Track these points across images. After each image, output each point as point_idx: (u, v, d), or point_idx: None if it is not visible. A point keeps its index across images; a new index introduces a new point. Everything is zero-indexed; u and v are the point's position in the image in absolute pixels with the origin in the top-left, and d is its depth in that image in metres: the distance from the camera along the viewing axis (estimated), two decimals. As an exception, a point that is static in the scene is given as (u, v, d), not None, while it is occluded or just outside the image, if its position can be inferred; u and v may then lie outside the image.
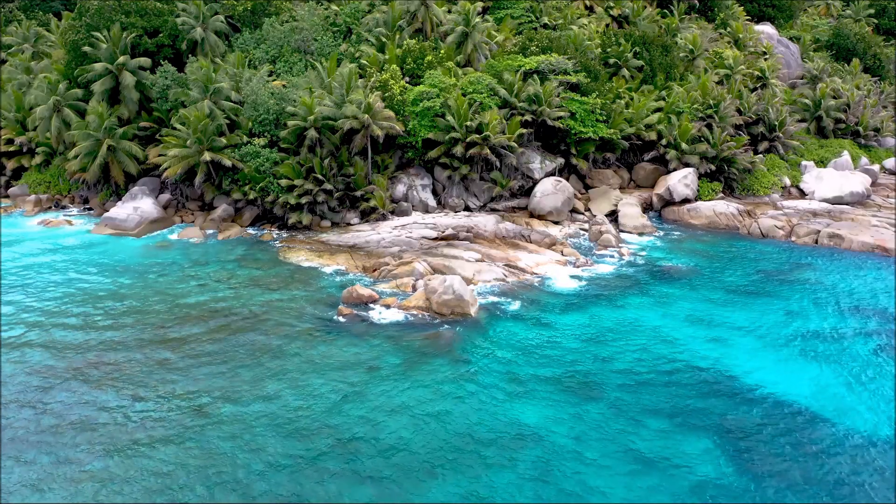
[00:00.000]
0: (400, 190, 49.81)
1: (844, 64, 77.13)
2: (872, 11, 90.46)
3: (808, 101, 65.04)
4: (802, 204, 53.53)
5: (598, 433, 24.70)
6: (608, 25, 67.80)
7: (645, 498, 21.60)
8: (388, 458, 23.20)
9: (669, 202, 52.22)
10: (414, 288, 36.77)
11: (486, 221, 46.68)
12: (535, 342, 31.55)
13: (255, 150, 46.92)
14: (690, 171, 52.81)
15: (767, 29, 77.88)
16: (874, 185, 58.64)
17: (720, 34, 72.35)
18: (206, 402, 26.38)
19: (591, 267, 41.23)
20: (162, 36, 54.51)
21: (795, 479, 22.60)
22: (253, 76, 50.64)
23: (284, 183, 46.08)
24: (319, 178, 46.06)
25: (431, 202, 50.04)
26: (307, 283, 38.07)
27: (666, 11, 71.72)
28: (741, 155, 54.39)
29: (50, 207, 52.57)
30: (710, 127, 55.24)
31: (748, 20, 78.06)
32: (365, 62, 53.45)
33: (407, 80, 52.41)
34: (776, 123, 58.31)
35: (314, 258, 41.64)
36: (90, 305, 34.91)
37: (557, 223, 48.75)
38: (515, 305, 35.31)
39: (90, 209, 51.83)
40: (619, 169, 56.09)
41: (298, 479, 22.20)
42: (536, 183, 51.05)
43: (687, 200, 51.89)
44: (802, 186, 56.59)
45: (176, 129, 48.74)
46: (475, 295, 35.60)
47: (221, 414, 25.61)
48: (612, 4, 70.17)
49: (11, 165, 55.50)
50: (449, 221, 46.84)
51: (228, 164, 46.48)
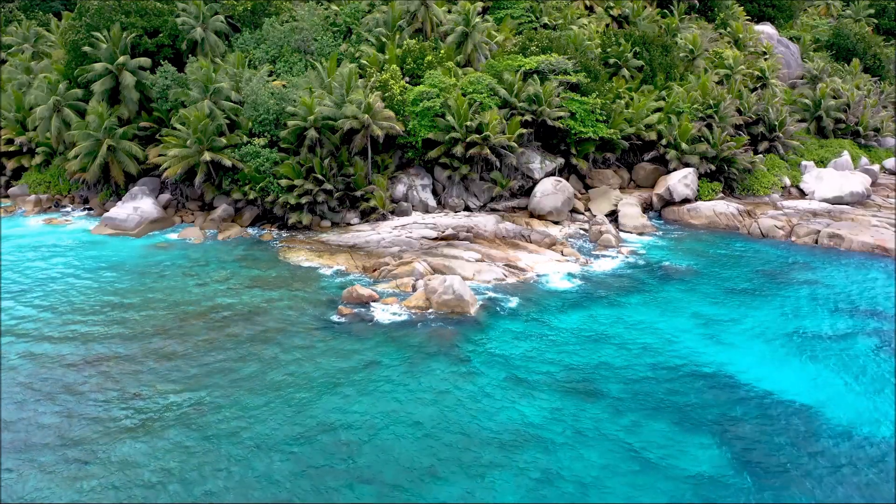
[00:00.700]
0: (400, 190, 49.80)
1: (844, 64, 77.12)
2: (872, 11, 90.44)
3: (808, 101, 65.03)
4: (802, 204, 53.52)
5: (598, 433, 24.71)
6: (608, 25, 67.80)
7: (645, 498, 21.60)
8: (387, 457, 23.21)
9: (669, 202, 52.22)
10: (414, 288, 36.78)
11: (486, 221, 46.68)
12: (535, 342, 31.56)
13: (255, 150, 46.92)
14: (690, 171, 52.82)
15: (767, 29, 77.88)
16: (874, 185, 58.63)
17: (720, 34, 72.35)
18: (205, 401, 26.38)
19: (591, 267, 41.24)
20: (162, 36, 54.51)
21: (795, 478, 22.61)
22: (253, 76, 50.64)
23: (284, 183, 46.08)
24: (319, 178, 46.06)
25: (431, 202, 50.04)
26: (307, 283, 38.07)
27: (666, 11, 71.71)
28: (741, 155, 54.38)
29: (50, 207, 52.54)
30: (710, 127, 55.24)
31: (748, 20, 78.05)
32: (365, 62, 53.45)
33: (407, 80, 52.41)
34: (776, 123, 58.31)
35: (314, 258, 41.65)
36: (90, 305, 34.91)
37: (557, 223, 48.75)
38: (515, 305, 35.31)
39: (90, 209, 51.81)
40: (619, 169, 56.08)
41: (298, 479, 22.20)
42: (536, 183, 51.04)
43: (687, 200, 51.88)
44: (802, 186, 56.59)
45: (176, 129, 48.73)
46: (475, 295, 35.61)
47: (221, 413, 25.61)
48: (612, 4, 70.17)
49: (11, 165, 55.47)
50: (449, 221, 46.84)
51: (228, 164, 46.48)
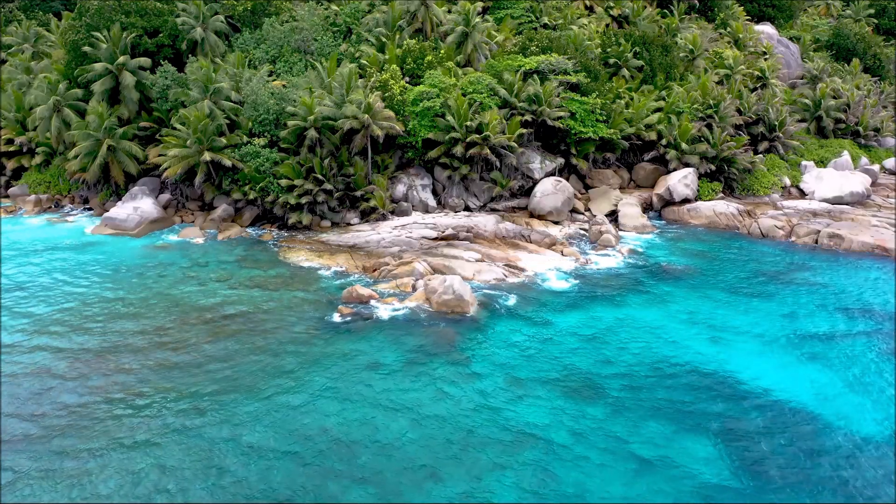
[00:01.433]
0: (400, 190, 49.81)
1: (844, 64, 77.13)
2: (872, 11, 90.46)
3: (808, 101, 65.03)
4: (802, 204, 53.53)
5: (597, 433, 24.71)
6: (608, 25, 67.80)
7: (645, 498, 21.60)
8: (387, 458, 23.21)
9: (669, 202, 52.23)
10: (414, 288, 36.78)
11: (486, 221, 46.69)
12: (535, 342, 31.56)
13: (255, 150, 46.92)
14: (690, 171, 52.82)
15: (767, 29, 77.88)
16: (874, 185, 58.64)
17: (720, 34, 72.36)
18: (205, 401, 26.39)
19: (591, 267, 41.25)
20: (162, 36, 54.51)
21: (795, 479, 22.61)
22: (253, 76, 50.64)
23: (284, 183, 46.08)
24: (319, 178, 46.06)
25: (431, 202, 50.04)
26: (307, 283, 38.07)
27: (666, 11, 71.72)
28: (741, 155, 54.39)
29: (50, 207, 52.57)
30: (710, 127, 55.25)
31: (748, 20, 78.07)
32: (365, 62, 53.45)
33: (407, 80, 52.41)
34: (776, 123, 58.31)
35: (314, 258, 41.65)
36: (89, 306, 34.91)
37: (557, 223, 48.75)
38: (515, 305, 35.30)
39: (90, 209, 51.81)
40: (619, 169, 56.08)
41: (298, 479, 22.21)
42: (536, 183, 51.05)
43: (687, 200, 51.89)
44: (802, 186, 56.59)
45: (176, 129, 48.74)
46: (475, 295, 35.61)
47: (221, 413, 25.61)
48: (612, 4, 70.17)
49: (11, 165, 55.47)
50: (449, 221, 46.84)
51: (228, 164, 46.48)
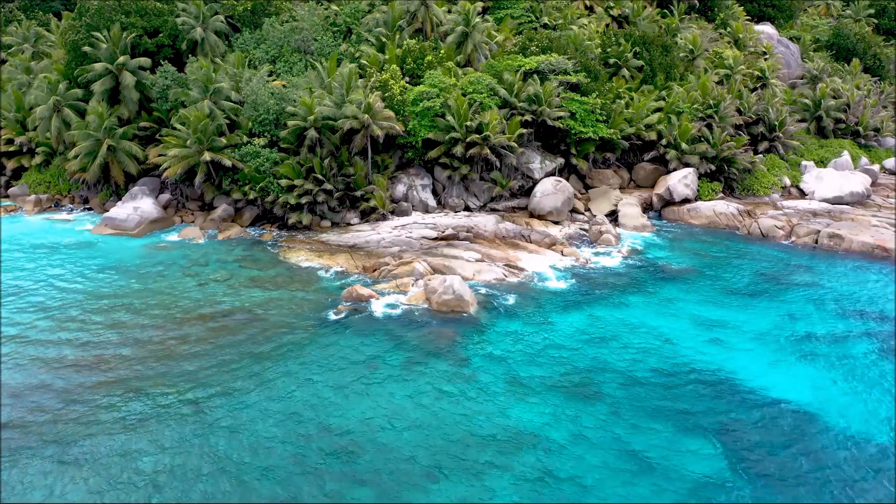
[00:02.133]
0: (400, 190, 49.80)
1: (844, 64, 77.11)
2: (872, 11, 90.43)
3: (808, 101, 65.02)
4: (802, 204, 53.52)
5: (597, 434, 24.71)
6: (608, 25, 67.78)
7: (644, 498, 21.60)
8: (387, 458, 23.22)
9: (669, 202, 52.22)
10: (414, 288, 36.76)
11: (486, 221, 46.69)
12: (534, 342, 31.56)
13: (255, 150, 46.92)
14: (690, 171, 52.82)
15: (767, 29, 77.87)
16: (874, 185, 58.63)
17: (720, 34, 72.34)
18: (205, 401, 26.39)
19: (591, 267, 41.25)
20: (162, 36, 54.50)
21: (795, 480, 22.62)
22: (253, 76, 50.63)
23: (284, 183, 46.08)
24: (319, 178, 46.06)
25: (431, 202, 50.04)
26: (307, 283, 38.08)
27: (666, 11, 71.70)
28: (741, 155, 54.39)
29: (50, 207, 52.54)
30: (710, 127, 55.24)
31: (748, 20, 78.04)
32: (365, 62, 53.44)
33: (407, 80, 52.40)
34: (776, 123, 58.30)
35: (314, 258, 41.65)
36: (89, 305, 34.92)
37: (557, 223, 48.75)
38: (515, 305, 35.31)
39: (90, 209, 51.80)
40: (619, 169, 56.07)
41: (298, 479, 22.21)
42: (536, 183, 51.04)
43: (687, 200, 51.89)
44: (802, 186, 56.58)
45: (176, 129, 48.73)
46: (475, 295, 35.60)
47: (221, 413, 25.62)
48: (612, 4, 70.16)
49: (11, 165, 55.45)
50: (449, 221, 46.84)
51: (228, 164, 46.48)
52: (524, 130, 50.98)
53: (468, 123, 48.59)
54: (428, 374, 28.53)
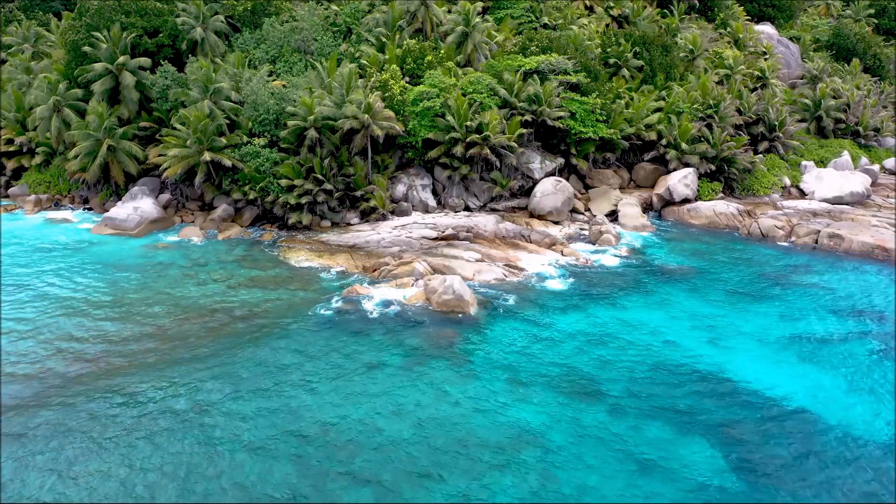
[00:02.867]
0: (400, 190, 49.80)
1: (844, 64, 77.12)
2: (872, 11, 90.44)
3: (808, 101, 65.03)
4: (802, 204, 53.52)
5: (597, 434, 24.71)
6: (608, 25, 67.79)
7: (644, 499, 21.60)
8: (386, 458, 23.21)
9: (669, 202, 52.22)
10: (414, 288, 36.76)
11: (486, 221, 46.68)
12: (534, 342, 31.56)
13: (255, 150, 46.91)
14: (690, 171, 52.82)
15: (767, 29, 77.87)
16: (874, 185, 58.64)
17: (720, 34, 72.35)
18: (205, 401, 26.39)
19: (591, 267, 41.24)
20: (162, 36, 54.49)
21: (795, 480, 22.62)
22: (253, 76, 50.63)
23: (284, 183, 46.08)
24: (319, 178, 46.06)
25: (431, 202, 50.04)
26: (307, 282, 38.07)
27: (666, 11, 71.71)
28: (741, 155, 54.39)
29: (50, 207, 52.53)
30: (710, 127, 55.25)
31: (748, 20, 78.05)
32: (365, 62, 53.44)
33: (407, 80, 52.40)
34: (776, 123, 58.31)
35: (314, 258, 41.65)
36: (89, 305, 34.93)
37: (557, 223, 48.76)
38: (515, 305, 35.31)
39: (90, 209, 51.81)
40: (619, 169, 56.08)
41: (297, 479, 22.21)
42: (536, 183, 51.05)
43: (687, 200, 51.89)
44: (802, 186, 56.59)
45: (176, 129, 48.73)
46: (475, 295, 35.60)
47: (221, 413, 25.61)
48: (612, 4, 70.16)
49: (11, 165, 55.46)
50: (449, 221, 46.84)
51: (228, 164, 46.47)
52: (524, 130, 50.99)
53: (468, 123, 48.60)
54: (428, 373, 28.53)
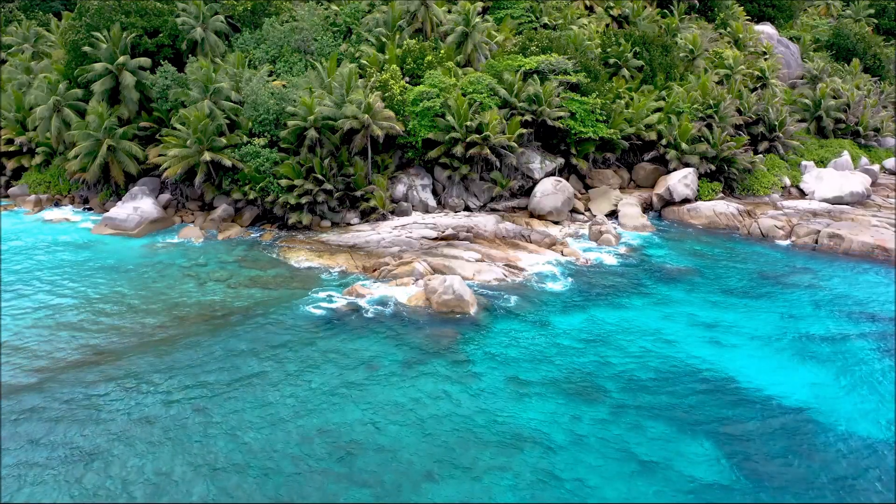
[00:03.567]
0: (400, 190, 49.80)
1: (844, 64, 77.11)
2: (872, 11, 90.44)
3: (808, 101, 65.03)
4: (802, 204, 53.52)
5: (597, 435, 24.71)
6: (608, 25, 67.79)
7: (644, 499, 21.60)
8: (386, 459, 23.21)
9: (669, 202, 52.22)
10: (414, 288, 36.74)
11: (486, 221, 46.68)
12: (534, 343, 31.56)
13: (255, 150, 46.91)
14: (690, 171, 52.81)
15: (767, 29, 77.87)
16: (874, 185, 58.63)
17: (720, 34, 72.34)
18: (205, 401, 26.39)
19: (591, 267, 41.24)
20: (162, 36, 54.49)
21: (795, 480, 22.62)
22: (253, 76, 50.63)
23: (284, 183, 46.07)
24: (319, 178, 46.05)
25: (431, 202, 50.03)
26: (307, 282, 38.07)
27: (666, 11, 71.70)
28: (741, 155, 54.38)
29: (50, 207, 52.51)
30: (710, 127, 55.24)
31: (748, 20, 78.04)
32: (365, 62, 53.44)
33: (407, 80, 52.40)
34: (776, 123, 58.31)
35: (314, 258, 41.65)
36: (89, 305, 34.92)
37: (557, 223, 48.76)
38: (515, 305, 35.30)
39: (90, 209, 51.79)
40: (619, 169, 56.07)
41: (297, 479, 22.21)
42: (536, 183, 51.05)
43: (687, 200, 51.89)
44: (802, 186, 56.59)
45: (176, 129, 48.73)
46: (475, 295, 35.60)
47: (220, 413, 25.62)
48: (612, 4, 70.15)
49: (11, 165, 55.46)
50: (449, 221, 46.84)
51: (228, 164, 46.47)
52: (524, 130, 50.98)
53: (468, 123, 48.60)
54: (428, 374, 28.53)
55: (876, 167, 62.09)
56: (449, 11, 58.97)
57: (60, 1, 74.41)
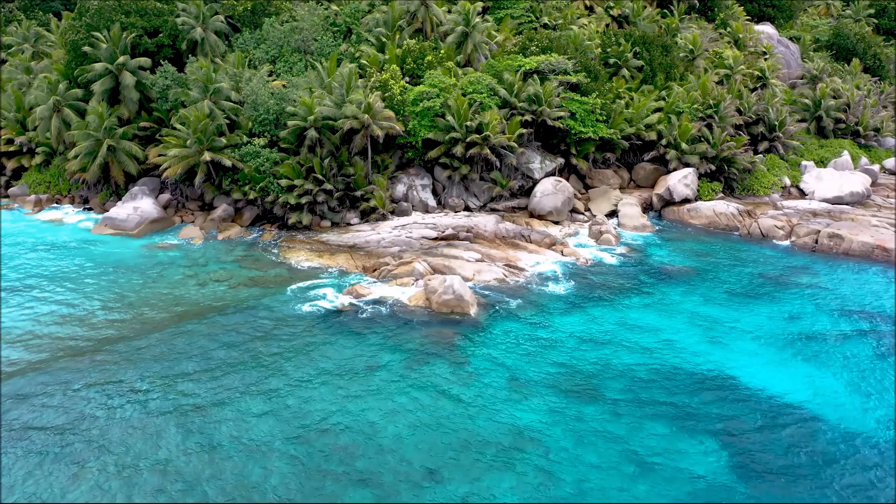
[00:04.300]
0: (400, 190, 49.80)
1: (844, 64, 77.13)
2: (872, 11, 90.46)
3: (808, 101, 65.03)
4: (802, 204, 53.52)
5: (597, 434, 24.71)
6: (608, 25, 67.79)
7: (644, 499, 21.60)
8: (386, 459, 23.21)
9: (669, 202, 52.22)
10: (414, 288, 36.74)
11: (486, 221, 46.68)
12: (534, 343, 31.56)
13: (255, 150, 46.91)
14: (690, 171, 52.81)
15: (767, 29, 77.87)
16: (874, 185, 58.63)
17: (720, 34, 72.34)
18: (204, 401, 26.39)
19: (591, 267, 41.23)
20: (162, 36, 54.48)
21: (795, 480, 22.62)
22: (253, 76, 50.62)
23: (284, 183, 46.06)
24: (319, 178, 46.05)
25: (431, 202, 50.03)
26: (307, 283, 38.04)
27: (666, 11, 71.70)
28: (741, 155, 54.38)
29: (50, 207, 52.50)
30: (710, 127, 55.23)
31: (748, 20, 78.04)
32: (365, 62, 53.43)
33: (407, 80, 52.39)
34: (776, 123, 58.30)
35: (314, 258, 41.64)
36: (89, 305, 34.91)
37: (557, 223, 48.75)
38: (515, 305, 35.30)
39: (90, 209, 51.77)
40: (619, 169, 56.07)
41: (297, 480, 22.21)
42: (536, 183, 51.04)
43: (687, 200, 51.88)
44: (802, 186, 56.58)
45: (176, 129, 48.72)
46: (475, 295, 35.60)
47: (220, 414, 25.61)
48: (612, 4, 70.16)
49: (11, 165, 55.46)
50: (449, 221, 46.83)
51: (228, 164, 46.46)
52: (524, 130, 50.97)
53: (468, 123, 48.59)
54: (428, 374, 28.53)
55: (876, 167, 62.09)
56: (449, 11, 58.96)
57: (60, 1, 74.38)
